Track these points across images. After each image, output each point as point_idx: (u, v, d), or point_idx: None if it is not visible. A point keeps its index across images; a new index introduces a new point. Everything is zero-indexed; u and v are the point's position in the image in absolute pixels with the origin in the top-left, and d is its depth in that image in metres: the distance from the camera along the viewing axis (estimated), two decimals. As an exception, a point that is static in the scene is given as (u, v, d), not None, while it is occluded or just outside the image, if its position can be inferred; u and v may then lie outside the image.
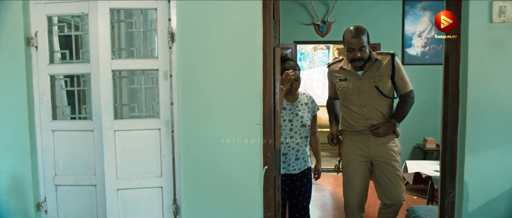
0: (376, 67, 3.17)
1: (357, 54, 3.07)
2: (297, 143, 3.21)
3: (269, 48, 2.51)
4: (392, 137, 3.25)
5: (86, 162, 2.69)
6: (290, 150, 3.20)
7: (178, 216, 2.68)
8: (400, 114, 3.23)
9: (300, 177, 3.31)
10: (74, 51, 2.69)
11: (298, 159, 3.24)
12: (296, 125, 3.20)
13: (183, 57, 2.51)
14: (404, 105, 3.23)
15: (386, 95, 3.18)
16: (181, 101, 2.54)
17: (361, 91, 3.19)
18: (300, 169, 3.28)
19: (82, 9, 2.55)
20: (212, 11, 2.48)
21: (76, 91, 2.73)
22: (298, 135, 3.21)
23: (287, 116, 3.20)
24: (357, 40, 3.05)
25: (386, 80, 3.16)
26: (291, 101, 3.26)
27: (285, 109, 3.21)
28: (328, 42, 6.63)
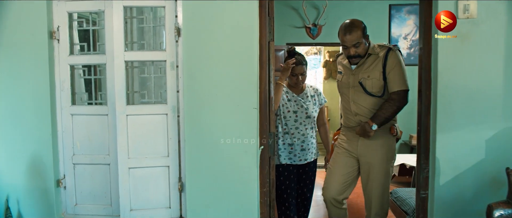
0: (369, 62, 2.94)
1: (351, 51, 2.89)
2: (303, 134, 3.24)
3: (264, 41, 2.83)
4: (387, 139, 2.99)
5: (101, 143, 2.98)
6: (296, 141, 3.23)
7: (183, 192, 2.99)
8: (379, 115, 2.87)
9: (306, 169, 3.33)
10: (91, 43, 2.99)
11: (304, 150, 3.26)
12: (301, 117, 3.23)
13: (188, 49, 2.82)
14: (387, 106, 2.87)
15: (369, 92, 2.92)
16: (186, 89, 2.84)
17: (351, 86, 3.01)
18: (307, 160, 3.30)
19: (99, 7, 2.87)
20: (214, 9, 2.79)
21: (93, 79, 3.02)
22: (303, 126, 3.24)
23: (292, 108, 3.24)
24: (350, 37, 2.85)
25: (376, 77, 2.88)
26: (297, 93, 3.31)
27: (290, 101, 3.26)
28: (319, 44, 6.91)
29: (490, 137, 2.68)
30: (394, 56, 2.86)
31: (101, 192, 3.01)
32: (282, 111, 3.24)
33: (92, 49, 3.00)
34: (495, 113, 2.68)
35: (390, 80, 2.87)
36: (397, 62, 2.86)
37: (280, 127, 3.26)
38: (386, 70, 2.86)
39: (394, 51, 2.87)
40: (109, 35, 2.86)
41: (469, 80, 2.68)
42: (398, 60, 2.86)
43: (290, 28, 6.40)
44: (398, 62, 2.86)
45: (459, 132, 2.70)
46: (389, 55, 2.85)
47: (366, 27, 2.90)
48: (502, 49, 2.65)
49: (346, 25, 2.89)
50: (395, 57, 2.86)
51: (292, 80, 3.30)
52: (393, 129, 2.94)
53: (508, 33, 2.64)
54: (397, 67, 2.86)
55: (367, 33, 2.91)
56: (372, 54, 2.92)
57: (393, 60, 2.86)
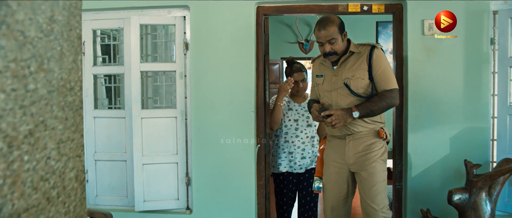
0: (352, 61, 2.62)
1: (327, 47, 2.59)
2: (303, 142, 3.20)
3: (261, 54, 3.30)
4: (376, 141, 2.63)
5: (119, 142, 3.40)
6: (296, 149, 3.19)
7: (190, 185, 3.40)
8: (365, 105, 2.50)
9: (307, 176, 3.27)
10: (112, 56, 3.44)
11: (304, 158, 3.21)
12: (302, 125, 3.20)
13: (195, 61, 3.28)
14: (376, 99, 2.52)
15: (355, 92, 2.56)
16: (193, 95, 3.29)
17: (333, 89, 2.64)
18: (306, 168, 3.25)
19: (119, 25, 3.33)
20: (217, 27, 3.26)
21: (112, 87, 3.46)
22: (303, 134, 3.20)
23: (292, 116, 3.23)
24: (324, 33, 2.56)
25: (361, 77, 2.56)
26: (298, 102, 3.30)
27: (291, 110, 3.25)
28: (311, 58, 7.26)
29: (453, 135, 3.12)
30: (379, 53, 2.59)
31: (119, 185, 3.42)
32: (283, 120, 3.23)
33: (113, 60, 3.45)
34: (456, 115, 3.12)
35: (378, 79, 2.56)
36: (382, 59, 2.59)
37: (281, 137, 3.27)
38: (372, 69, 2.56)
39: (378, 49, 2.61)
40: (127, 49, 3.31)
41: (434, 87, 3.13)
42: (384, 58, 2.60)
43: (284, 43, 6.74)
44: (384, 59, 2.60)
45: (427, 132, 3.14)
46: (374, 53, 2.57)
47: (343, 23, 2.63)
48: (461, 61, 3.11)
49: (320, 20, 2.63)
50: (380, 55, 2.59)
51: (293, 88, 3.24)
52: (381, 132, 2.61)
53: (466, 47, 3.10)
54: (385, 66, 2.58)
55: (344, 30, 2.63)
56: (355, 53, 2.63)
57: (378, 58, 2.57)
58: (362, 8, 3.22)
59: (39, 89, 0.86)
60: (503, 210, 3.08)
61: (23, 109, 0.81)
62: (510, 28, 3.06)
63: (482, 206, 2.70)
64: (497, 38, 3.10)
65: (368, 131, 2.63)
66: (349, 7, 3.23)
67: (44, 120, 0.88)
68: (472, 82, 3.12)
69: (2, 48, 0.74)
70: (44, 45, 0.88)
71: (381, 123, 2.68)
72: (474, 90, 3.13)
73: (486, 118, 3.14)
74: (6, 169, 0.76)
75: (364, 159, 2.62)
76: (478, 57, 3.12)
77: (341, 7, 3.23)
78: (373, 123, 2.63)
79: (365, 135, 2.63)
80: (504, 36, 3.07)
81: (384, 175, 2.65)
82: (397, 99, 2.57)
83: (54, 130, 0.92)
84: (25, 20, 0.81)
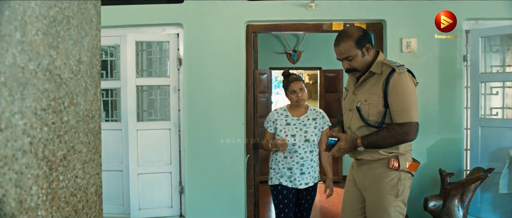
0: (372, 82, 2.24)
1: (344, 64, 2.28)
2: (302, 158, 2.99)
3: (250, 70, 3.50)
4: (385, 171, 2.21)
5: (116, 153, 3.56)
6: (295, 165, 2.99)
7: (183, 194, 3.57)
8: (371, 138, 2.17)
9: (305, 193, 3.10)
10: (109, 71, 3.60)
11: (303, 173, 3.02)
12: (299, 140, 2.99)
13: (188, 76, 3.46)
14: (384, 132, 2.14)
15: (365, 119, 2.21)
16: (186, 108, 3.47)
17: (350, 109, 2.33)
18: (307, 184, 3.05)
19: (116, 42, 3.50)
20: (209, 43, 3.45)
21: (109, 100, 3.63)
22: (302, 149, 2.99)
23: (290, 131, 3.00)
24: (338, 49, 2.26)
25: (373, 103, 2.18)
26: (297, 116, 3.07)
27: (289, 124, 3.03)
28: (299, 68, 7.37)
29: (429, 146, 3.35)
30: (398, 78, 2.14)
31: (115, 194, 3.58)
32: (280, 136, 3.01)
33: (109, 75, 3.61)
34: (433, 127, 3.35)
35: (392, 109, 2.15)
36: (400, 86, 2.13)
37: (279, 152, 3.02)
38: (388, 96, 2.15)
39: (400, 73, 2.15)
40: (123, 64, 3.49)
41: (412, 101, 3.35)
42: (403, 84, 2.14)
43: (272, 53, 6.88)
44: (403, 87, 2.13)
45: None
46: (392, 77, 2.14)
47: (365, 35, 2.23)
48: (437, 77, 3.35)
49: (338, 34, 2.31)
50: (399, 80, 2.14)
51: (292, 98, 3.04)
52: (390, 161, 2.19)
53: (440, 64, 3.34)
54: (401, 93, 2.12)
55: (365, 43, 2.21)
56: (376, 73, 2.23)
57: (396, 84, 2.14)
58: (345, 26, 3.44)
59: (70, 120, 1.05)
60: (475, 215, 3.32)
61: (60, 138, 1.00)
62: (480, 46, 3.31)
63: (455, 212, 2.93)
64: (469, 55, 3.35)
65: (377, 160, 2.23)
66: (333, 25, 3.45)
67: (73, 146, 1.07)
68: (446, 96, 3.36)
69: (46, 90, 0.94)
70: (74, 83, 1.07)
71: (394, 152, 2.20)
72: (448, 103, 3.36)
73: (460, 130, 3.38)
74: (47, 188, 0.95)
75: (372, 191, 2.26)
76: (452, 73, 3.36)
77: (326, 26, 3.46)
78: (383, 151, 2.20)
79: (374, 164, 2.25)
80: (476, 53, 3.32)
81: (394, 212, 2.20)
82: (410, 135, 2.12)
83: (80, 153, 1.11)
84: (61, 65, 1.00)
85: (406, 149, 2.23)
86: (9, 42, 0.81)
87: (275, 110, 3.12)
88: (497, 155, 3.22)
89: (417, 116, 2.14)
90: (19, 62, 0.84)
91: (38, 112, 0.90)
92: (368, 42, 2.21)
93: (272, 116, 3.09)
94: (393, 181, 2.19)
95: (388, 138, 2.12)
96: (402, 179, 2.19)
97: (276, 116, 3.07)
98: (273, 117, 3.08)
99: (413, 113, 2.12)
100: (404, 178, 2.20)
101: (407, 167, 2.20)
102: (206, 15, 3.43)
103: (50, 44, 0.95)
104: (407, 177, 2.22)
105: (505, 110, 3.40)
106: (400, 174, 2.19)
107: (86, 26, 1.14)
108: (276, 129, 3.04)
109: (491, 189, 3.23)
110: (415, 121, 2.12)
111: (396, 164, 2.18)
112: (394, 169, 2.18)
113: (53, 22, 0.96)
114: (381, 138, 2.13)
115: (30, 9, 0.88)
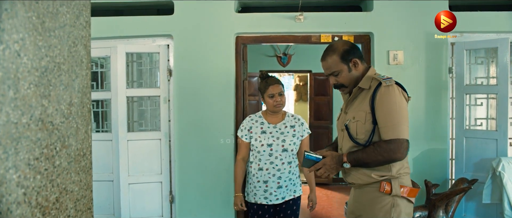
0: (361, 98, 2.07)
1: (331, 80, 2.15)
2: (279, 169, 2.72)
3: (240, 80, 3.54)
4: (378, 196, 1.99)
5: (106, 163, 3.58)
6: (271, 177, 2.72)
7: (174, 203, 3.61)
8: (357, 154, 1.98)
9: (283, 208, 2.80)
10: (99, 82, 3.62)
11: (280, 187, 2.73)
12: (276, 150, 2.72)
13: (178, 87, 3.50)
14: (371, 150, 1.94)
15: (354, 138, 2.03)
16: (176, 119, 3.51)
17: (342, 129, 2.15)
18: (284, 199, 2.77)
19: (106, 53, 3.52)
20: (199, 55, 3.48)
21: (100, 111, 3.66)
22: (279, 160, 2.72)
23: (265, 140, 2.73)
24: (324, 64, 2.14)
25: (361, 120, 2.00)
26: (274, 123, 2.80)
27: (265, 133, 2.75)
28: (289, 71, 7.46)
29: (416, 156, 3.42)
30: (385, 92, 1.95)
31: (106, 203, 3.60)
32: (255, 146, 2.76)
33: (100, 87, 3.63)
34: (419, 138, 3.41)
35: (380, 125, 1.95)
36: (386, 100, 1.94)
37: (254, 163, 2.78)
38: (375, 111, 1.97)
39: (387, 86, 1.96)
40: (113, 76, 3.50)
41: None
42: (390, 99, 1.94)
43: (263, 56, 6.96)
44: (389, 101, 1.94)
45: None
46: (378, 91, 1.96)
47: (351, 49, 2.09)
48: (423, 88, 3.43)
49: (325, 49, 2.17)
50: (386, 94, 1.95)
51: (269, 103, 2.78)
52: (382, 185, 1.97)
53: (426, 76, 3.42)
54: (388, 108, 1.93)
55: (352, 58, 2.06)
56: (365, 89, 2.06)
57: (382, 98, 1.95)
58: (333, 38, 3.49)
59: (62, 163, 1.09)
60: (460, 223, 3.41)
61: (52, 182, 1.04)
62: (465, 58, 3.39)
63: (439, 222, 3.01)
64: (455, 67, 3.42)
65: (369, 184, 2.02)
66: (321, 37, 3.50)
67: (65, 187, 1.11)
68: (432, 107, 3.44)
69: (39, 139, 0.97)
70: (65, 126, 1.10)
71: (386, 175, 1.97)
72: (434, 114, 3.44)
73: (445, 140, 3.46)
74: (41, 232, 0.98)
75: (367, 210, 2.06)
76: (438, 84, 3.44)
77: (314, 38, 3.51)
78: (375, 173, 1.98)
79: (366, 188, 2.04)
80: (461, 65, 3.39)
81: None
82: (398, 153, 1.89)
83: (72, 193, 1.14)
84: (53, 112, 1.04)
85: (400, 171, 1.98)
86: (3, 101, 0.84)
87: (249, 117, 2.86)
88: (481, 166, 3.31)
89: (406, 133, 1.91)
90: (12, 119, 0.87)
91: (31, 162, 0.94)
92: (355, 56, 2.06)
93: (246, 124, 2.83)
94: (386, 207, 1.97)
95: (374, 156, 1.91)
96: (396, 205, 1.95)
97: (251, 123, 2.81)
98: (247, 124, 2.82)
99: (401, 129, 1.90)
100: (399, 204, 1.96)
101: (401, 193, 1.95)
102: (196, 27, 3.47)
103: (42, 94, 0.98)
104: (403, 203, 1.97)
105: (489, 121, 3.48)
106: (395, 199, 1.95)
107: (77, 68, 1.17)
108: (251, 138, 2.78)
109: (475, 198, 3.32)
110: (403, 138, 1.89)
111: (388, 188, 1.95)
112: (386, 193, 1.96)
113: (44, 72, 1.00)
114: (367, 155, 1.93)
115: (23, 64, 0.91)
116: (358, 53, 2.09)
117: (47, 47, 1.01)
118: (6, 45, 0.85)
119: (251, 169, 2.80)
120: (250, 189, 2.80)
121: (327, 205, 5.14)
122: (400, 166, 1.97)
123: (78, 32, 1.20)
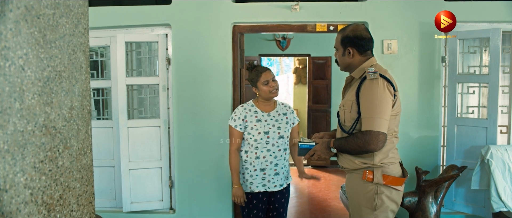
0: (353, 87, 2.16)
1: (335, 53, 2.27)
2: (275, 157, 2.74)
3: (237, 69, 3.61)
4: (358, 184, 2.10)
5: (107, 150, 3.69)
6: (268, 165, 2.73)
7: (173, 188, 3.73)
8: (342, 143, 2.09)
9: (279, 196, 2.85)
10: (99, 71, 3.70)
11: (277, 174, 2.76)
12: (273, 137, 2.73)
13: (177, 75, 3.58)
14: (351, 139, 2.03)
15: (344, 127, 2.15)
16: (175, 106, 3.60)
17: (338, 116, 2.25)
18: (282, 186, 2.81)
19: (106, 42, 3.59)
20: (196, 43, 3.55)
21: (101, 99, 3.73)
22: (276, 148, 2.74)
23: (262, 128, 2.72)
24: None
25: (348, 108, 2.10)
26: (267, 111, 2.80)
27: (260, 121, 2.74)
28: (288, 55, 7.46)
29: (408, 143, 3.51)
30: (368, 85, 2.01)
31: (108, 189, 3.72)
32: (252, 134, 2.73)
33: (100, 75, 3.70)
34: (411, 126, 3.51)
35: (361, 116, 2.02)
36: (368, 93, 2.00)
37: (250, 152, 2.75)
38: (359, 101, 2.04)
39: (371, 80, 2.01)
40: (113, 64, 3.58)
41: (392, 100, 3.50)
42: (370, 91, 2.00)
43: (262, 41, 6.99)
44: (372, 94, 1.99)
45: (385, 140, 3.52)
46: (363, 84, 2.03)
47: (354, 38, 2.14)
48: (416, 77, 3.50)
49: None
50: (369, 87, 2.01)
51: (264, 90, 2.74)
52: (364, 173, 2.05)
53: (420, 65, 3.48)
54: (369, 101, 1.99)
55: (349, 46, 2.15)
56: (355, 78, 2.15)
57: (365, 90, 2.01)
58: (329, 27, 3.55)
59: (65, 163, 1.18)
60: (450, 208, 3.51)
61: (56, 181, 1.13)
62: (458, 48, 3.45)
63: (429, 208, 3.11)
64: (447, 56, 3.49)
65: (354, 170, 2.12)
66: (317, 26, 3.56)
67: (68, 184, 1.20)
68: (425, 95, 3.51)
69: (43, 144, 1.06)
70: (67, 129, 1.19)
71: (368, 163, 2.05)
72: (427, 102, 3.52)
73: (437, 128, 3.54)
74: (46, 227, 1.08)
75: (351, 202, 2.19)
76: (431, 73, 3.51)
77: (310, 27, 3.56)
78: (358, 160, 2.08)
79: (353, 174, 2.15)
80: (453, 55, 3.45)
81: None
82: (371, 144, 1.95)
83: (74, 189, 1.24)
84: (55, 117, 1.12)
85: (383, 161, 2.04)
86: (10, 113, 0.93)
87: (241, 106, 2.83)
88: (471, 153, 3.40)
89: (382, 126, 1.95)
90: (19, 127, 0.96)
91: (36, 165, 1.03)
92: (354, 46, 2.13)
93: (240, 113, 2.77)
94: (369, 194, 2.06)
95: (352, 145, 2.02)
96: (379, 192, 2.03)
97: (245, 112, 2.76)
98: (241, 114, 2.77)
99: (376, 122, 1.95)
100: (382, 191, 2.03)
101: (385, 182, 2.02)
102: (194, 16, 3.53)
103: (45, 102, 1.07)
104: (388, 190, 2.04)
105: (481, 109, 3.56)
106: (378, 187, 2.03)
107: (76, 74, 1.26)
108: (245, 127, 2.74)
109: (465, 184, 3.42)
110: (377, 131, 1.93)
111: (371, 176, 2.03)
112: (368, 181, 2.04)
113: (47, 81, 1.08)
114: (347, 143, 2.05)
115: (27, 77, 0.99)
116: (358, 44, 2.14)
117: (49, 58, 1.09)
118: (12, 62, 0.93)
119: (246, 158, 2.76)
120: (246, 178, 2.77)
121: (325, 187, 5.26)
122: (383, 156, 2.04)
123: (77, 39, 1.28)
